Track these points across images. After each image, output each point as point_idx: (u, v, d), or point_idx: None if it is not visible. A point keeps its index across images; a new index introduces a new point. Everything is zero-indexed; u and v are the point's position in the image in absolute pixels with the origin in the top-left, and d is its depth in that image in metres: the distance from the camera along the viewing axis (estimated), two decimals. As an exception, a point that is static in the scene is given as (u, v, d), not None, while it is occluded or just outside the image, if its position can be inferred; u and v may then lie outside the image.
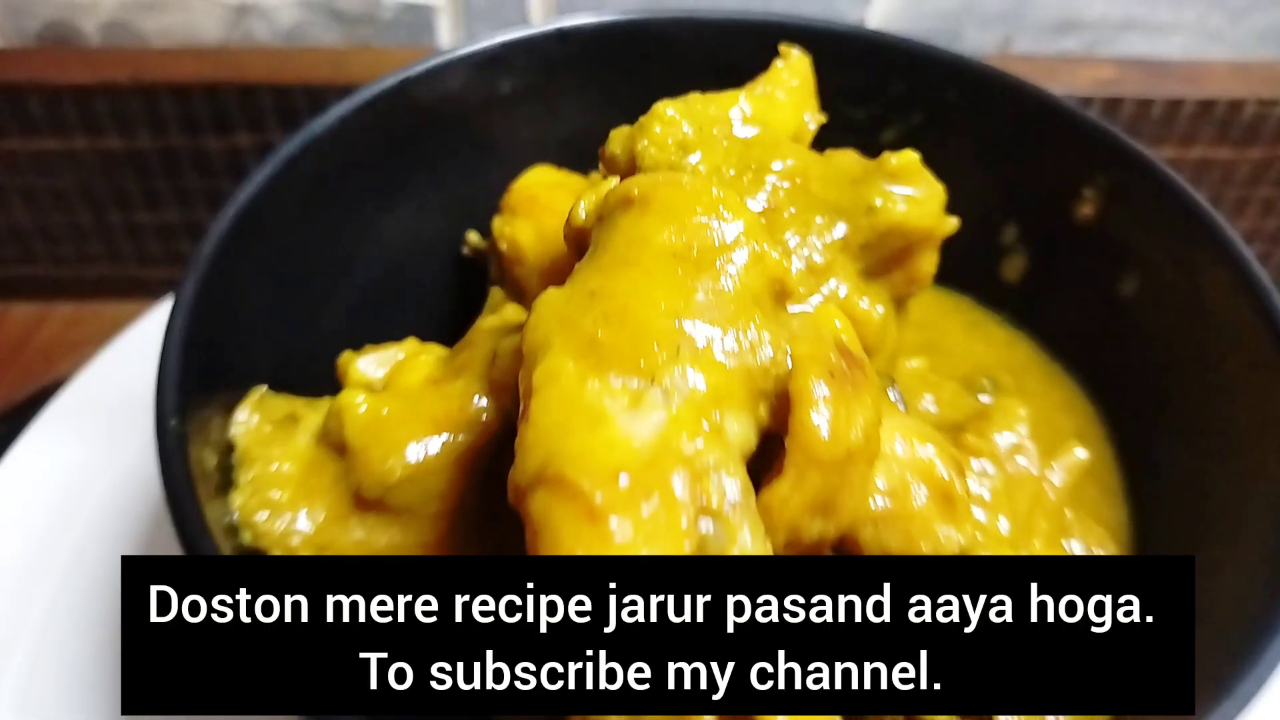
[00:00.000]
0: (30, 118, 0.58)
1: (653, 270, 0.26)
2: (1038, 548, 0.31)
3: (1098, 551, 0.32)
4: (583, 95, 0.42)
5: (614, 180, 0.29)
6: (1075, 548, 0.32)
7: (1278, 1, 0.62)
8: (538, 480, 0.22)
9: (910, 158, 0.32)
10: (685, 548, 0.21)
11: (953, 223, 0.33)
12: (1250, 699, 0.23)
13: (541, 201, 0.38)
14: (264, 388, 0.33)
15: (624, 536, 0.21)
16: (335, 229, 0.37)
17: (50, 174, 0.60)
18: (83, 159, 0.60)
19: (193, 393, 0.29)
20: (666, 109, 0.32)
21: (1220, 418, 0.33)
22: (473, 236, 0.42)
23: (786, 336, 0.26)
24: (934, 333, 0.41)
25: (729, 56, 0.40)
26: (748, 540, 0.22)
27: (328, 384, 0.34)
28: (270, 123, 0.58)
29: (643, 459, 0.22)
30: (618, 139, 0.32)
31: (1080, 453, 0.34)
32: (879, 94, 0.42)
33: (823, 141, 0.37)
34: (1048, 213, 0.40)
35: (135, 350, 0.51)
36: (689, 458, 0.23)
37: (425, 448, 0.30)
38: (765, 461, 0.26)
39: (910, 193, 0.31)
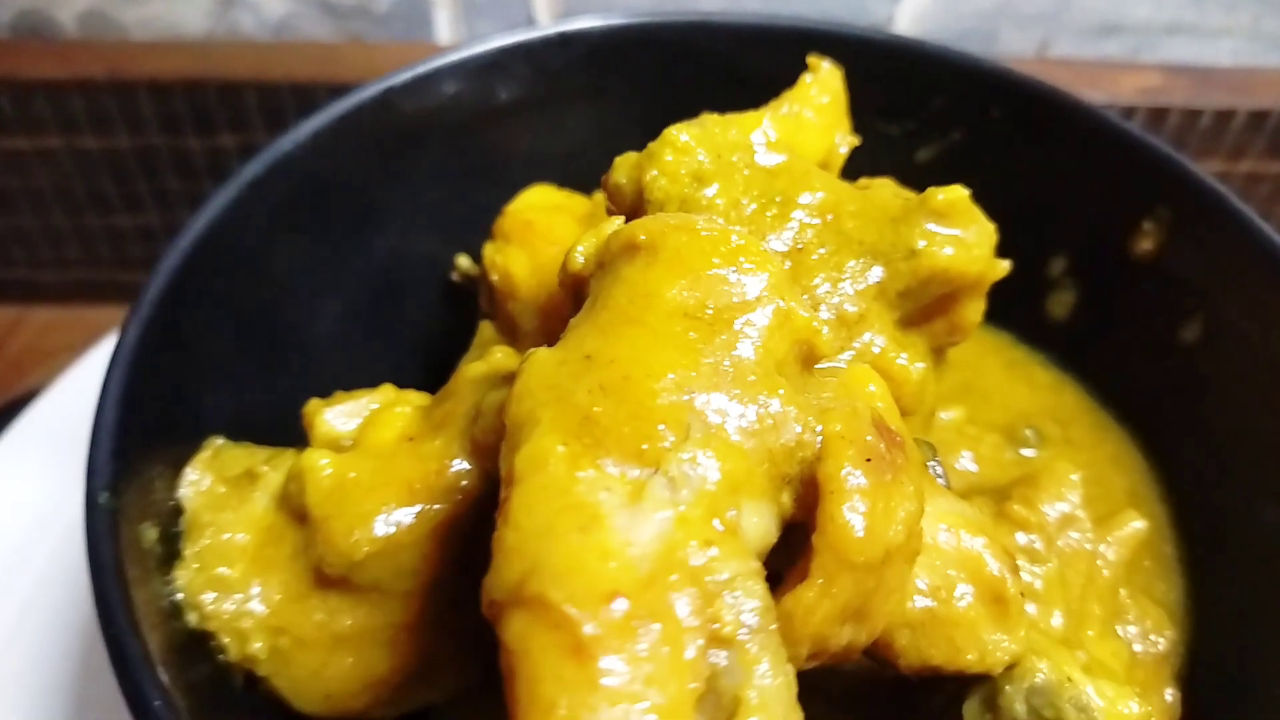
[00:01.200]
0: (1, 115, 0.54)
1: (660, 332, 0.22)
2: (1090, 639, 0.27)
3: (1154, 640, 0.29)
4: (588, 106, 0.38)
5: (618, 220, 0.25)
6: (1131, 634, 0.28)
7: (1337, 5, 0.58)
8: (515, 598, 0.18)
9: (959, 194, 0.27)
10: (690, 688, 0.18)
11: (1004, 266, 0.29)
12: None
13: (538, 228, 0.34)
14: (220, 439, 0.29)
15: (617, 680, 0.17)
16: (306, 258, 0.33)
17: (24, 174, 0.57)
18: (58, 159, 0.56)
19: (133, 456, 0.25)
20: (679, 134, 0.28)
21: (1273, 490, 0.29)
22: (463, 261, 0.38)
23: (815, 410, 0.22)
24: (970, 373, 0.37)
25: (750, 65, 0.36)
26: (766, 676, 0.18)
27: (295, 430, 0.30)
28: (255, 122, 0.54)
29: (642, 576, 0.18)
30: (623, 167, 0.28)
31: (1137, 524, 0.30)
32: (916, 109, 0.38)
33: (852, 159, 0.33)
34: (1101, 245, 0.36)
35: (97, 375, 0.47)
36: (697, 571, 0.19)
37: (397, 519, 0.26)
38: (786, 554, 0.22)
39: (958, 234, 0.27)
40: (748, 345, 0.22)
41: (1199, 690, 0.29)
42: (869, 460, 0.22)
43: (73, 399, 0.46)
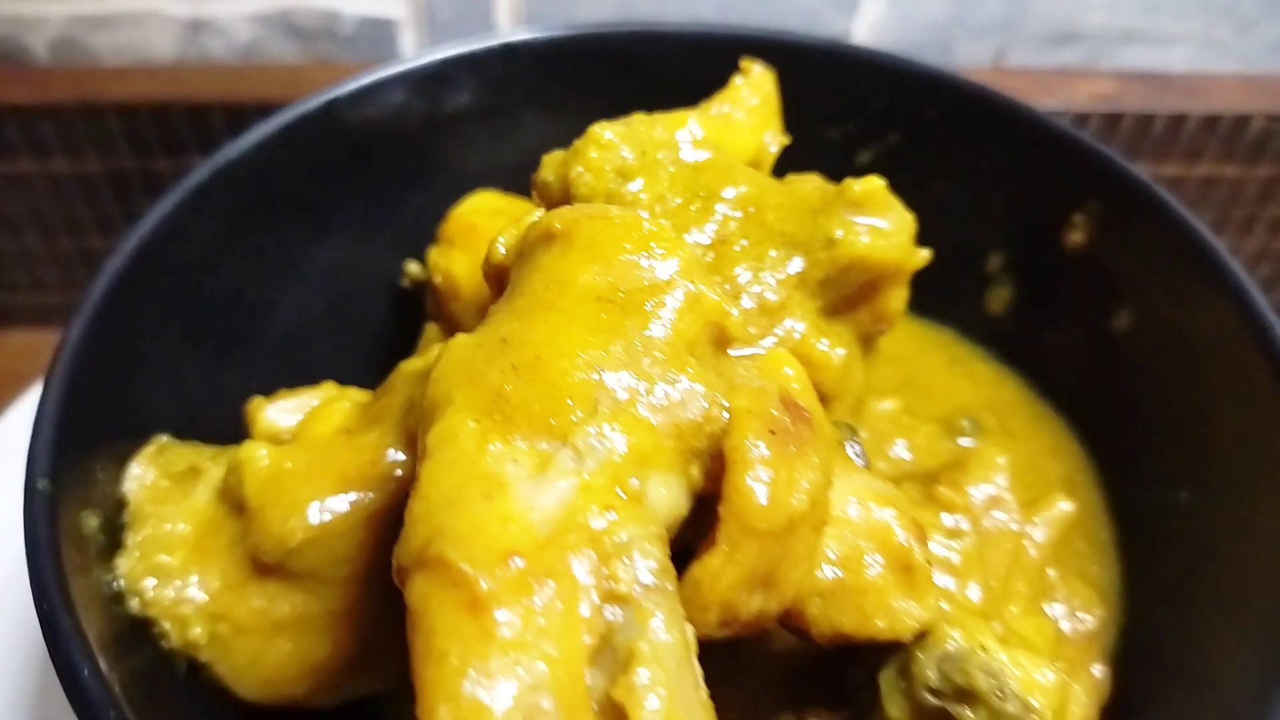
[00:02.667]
0: (-26, 140, 0.56)
1: (573, 315, 0.23)
2: (1014, 615, 0.28)
3: (1082, 618, 0.29)
4: (534, 115, 0.39)
5: (537, 214, 0.26)
6: (1058, 612, 0.29)
7: (1288, 11, 0.59)
8: (418, 561, 0.19)
9: (875, 184, 0.29)
10: (585, 642, 0.19)
11: (923, 255, 0.30)
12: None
13: (480, 230, 0.35)
14: (165, 437, 0.30)
15: (510, 631, 0.18)
16: (254, 263, 0.34)
17: (-3, 198, 0.58)
18: (31, 183, 0.58)
19: (74, 447, 0.26)
20: (604, 132, 0.29)
21: (1219, 464, 0.30)
22: (412, 267, 0.39)
23: (724, 388, 0.23)
24: (913, 369, 0.38)
25: (696, 72, 0.37)
26: (660, 630, 0.19)
27: (243, 432, 0.31)
28: (222, 143, 0.56)
29: (540, 537, 0.19)
30: (550, 165, 0.29)
31: (1065, 505, 0.31)
32: (853, 112, 0.39)
33: (795, 164, 0.34)
34: (1036, 240, 0.37)
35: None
36: (596, 534, 0.20)
37: (331, 507, 0.27)
38: (700, 529, 0.23)
39: (875, 223, 0.29)
40: (658, 326, 0.23)
41: (1131, 668, 0.30)
42: (773, 433, 0.23)
43: (23, 426, 0.48)
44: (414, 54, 0.39)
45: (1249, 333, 0.30)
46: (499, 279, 0.26)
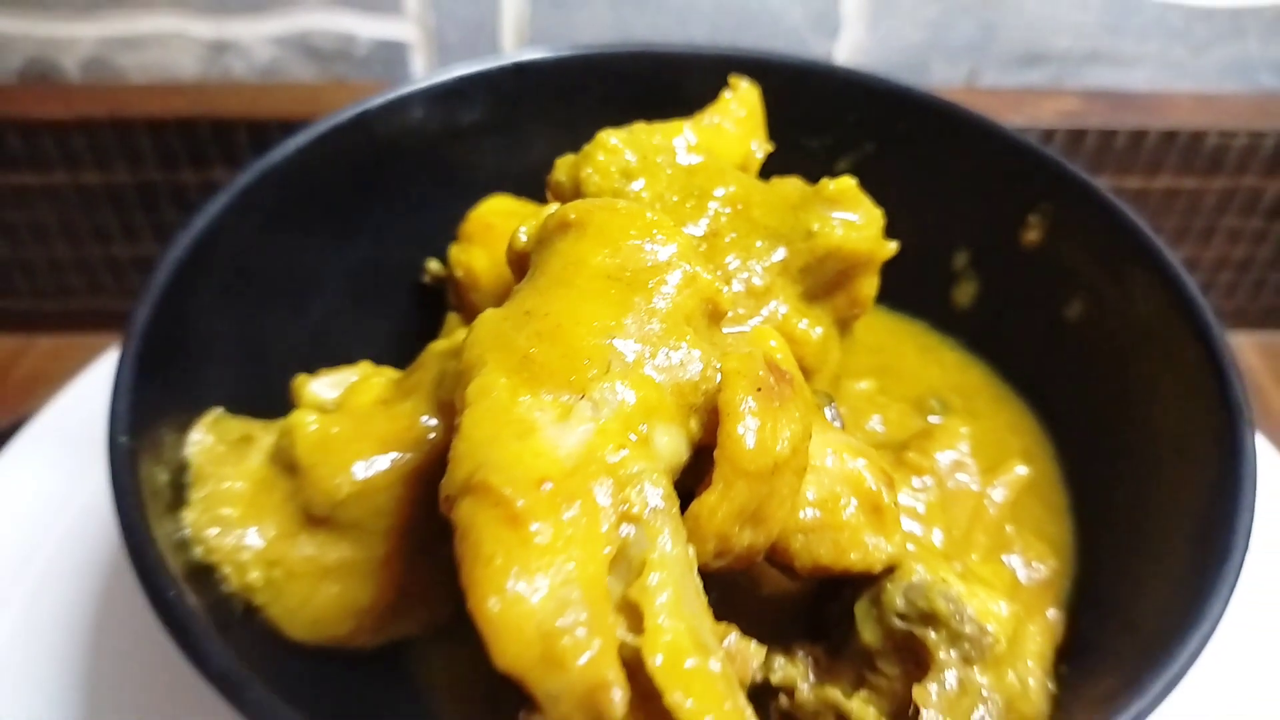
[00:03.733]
0: (10, 153, 0.60)
1: (587, 290, 0.27)
2: (975, 561, 0.32)
3: (1037, 566, 0.33)
4: (542, 127, 0.43)
5: (555, 206, 0.30)
6: (1015, 562, 0.33)
7: (1239, 36, 0.64)
8: (464, 488, 0.23)
9: (847, 184, 0.33)
10: (605, 552, 0.23)
11: (891, 247, 0.34)
12: (1162, 700, 0.24)
13: (497, 229, 0.39)
14: (220, 410, 0.34)
15: (544, 539, 0.22)
16: (293, 257, 0.38)
17: (30, 208, 0.62)
18: (62, 193, 0.62)
19: (145, 412, 0.30)
20: (610, 138, 0.33)
21: (1154, 435, 0.34)
22: (433, 264, 0.44)
23: (717, 354, 0.28)
24: (888, 356, 0.42)
25: (689, 88, 0.42)
26: (667, 544, 0.23)
27: (285, 407, 0.35)
28: (245, 157, 0.60)
29: (566, 467, 0.23)
30: (563, 167, 0.33)
31: (1021, 469, 0.35)
32: (832, 124, 0.44)
33: (779, 170, 0.38)
34: (997, 239, 0.42)
35: (102, 382, 0.52)
36: (612, 466, 0.24)
37: (373, 465, 0.31)
38: (697, 475, 0.27)
39: (848, 217, 0.33)
40: (660, 300, 0.28)
41: (1082, 613, 0.34)
42: (760, 390, 0.27)
43: (67, 416, 0.51)
44: (430, 73, 0.43)
45: (1180, 314, 0.34)
46: (521, 264, 0.30)
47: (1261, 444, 0.49)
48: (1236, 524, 0.28)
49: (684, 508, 0.26)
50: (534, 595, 0.21)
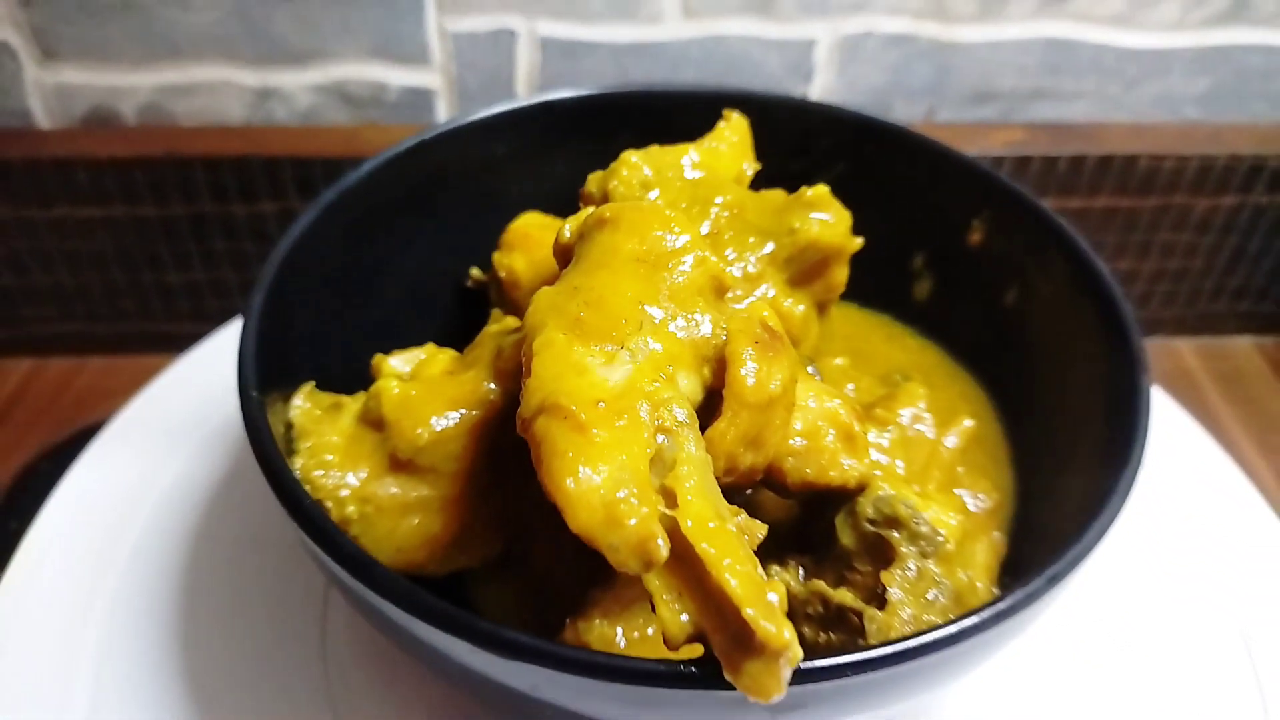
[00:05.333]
0: (77, 188, 0.68)
1: (621, 271, 0.36)
2: (931, 490, 0.40)
3: (982, 498, 0.42)
4: (565, 155, 0.52)
5: (591, 209, 0.39)
6: (965, 495, 0.42)
7: (1165, 73, 0.74)
8: (540, 410, 0.31)
9: (822, 190, 0.42)
10: (647, 452, 0.31)
11: (858, 241, 0.43)
12: (1057, 586, 0.32)
13: (533, 238, 0.48)
14: (312, 383, 0.42)
15: (602, 440, 0.30)
16: (364, 262, 0.47)
17: (91, 238, 0.70)
18: (121, 225, 0.70)
19: (263, 379, 0.38)
20: (631, 156, 0.42)
21: (1073, 392, 0.43)
22: (475, 271, 0.52)
23: (724, 318, 0.36)
24: (858, 342, 0.51)
25: (687, 121, 0.50)
26: (691, 448, 0.31)
27: (360, 385, 0.43)
28: (290, 191, 0.68)
29: (615, 393, 0.32)
30: (594, 180, 0.42)
31: (969, 422, 0.43)
32: (808, 149, 0.53)
33: (767, 186, 0.47)
34: (947, 242, 0.51)
35: (174, 387, 0.60)
36: (649, 393, 0.32)
37: (446, 419, 0.39)
38: (712, 414, 0.36)
39: (823, 217, 0.42)
40: (678, 277, 0.36)
41: (1019, 537, 0.42)
42: (757, 343, 0.35)
43: (147, 410, 0.59)
44: (470, 110, 0.52)
45: (1089, 287, 0.42)
46: (565, 254, 0.39)
47: (1189, 423, 0.58)
48: (1130, 455, 0.36)
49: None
50: (598, 477, 0.29)
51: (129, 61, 0.69)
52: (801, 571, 0.38)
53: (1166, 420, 0.58)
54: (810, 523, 0.39)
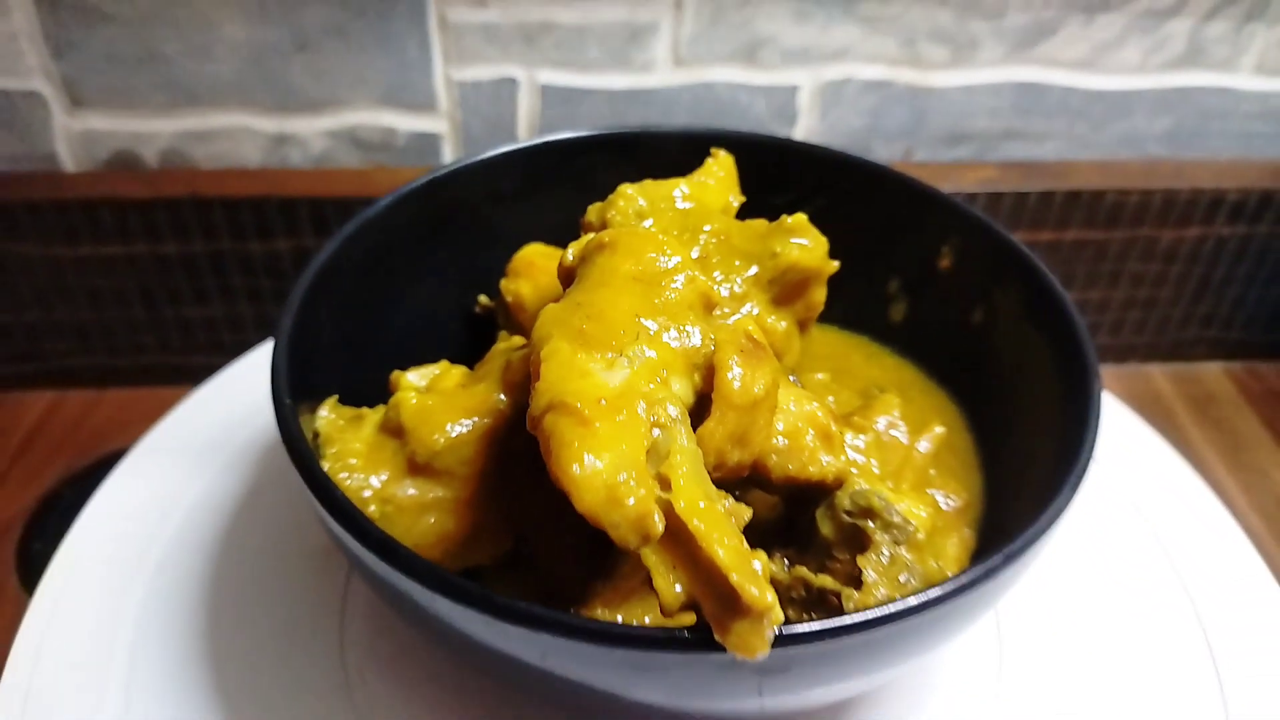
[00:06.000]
0: (101, 228, 0.73)
1: (620, 288, 0.40)
2: (905, 489, 0.44)
3: (953, 498, 0.46)
4: (565, 191, 0.56)
5: (592, 235, 0.43)
6: (936, 495, 0.46)
7: (1129, 114, 0.80)
8: (548, 408, 0.36)
9: (800, 218, 0.46)
10: (643, 444, 0.35)
11: (834, 264, 0.47)
12: (1013, 564, 0.36)
13: (537, 265, 0.52)
14: (335, 397, 0.46)
15: (604, 432, 0.34)
16: (381, 288, 0.51)
17: (114, 275, 0.75)
18: (143, 262, 0.74)
19: (293, 390, 0.43)
20: (627, 189, 0.47)
21: (1034, 404, 0.47)
22: (483, 299, 0.56)
23: (712, 330, 0.40)
24: (839, 361, 0.55)
25: (678, 158, 0.54)
26: (684, 440, 0.36)
27: (379, 401, 0.47)
28: (305, 230, 0.73)
29: (615, 393, 0.36)
30: (593, 211, 0.47)
31: (940, 429, 0.48)
32: (791, 185, 0.57)
33: (752, 218, 0.51)
34: (920, 268, 0.55)
35: (196, 412, 0.64)
36: (646, 393, 0.36)
37: (460, 425, 0.43)
38: (703, 415, 0.40)
39: (802, 242, 0.46)
40: (671, 294, 0.40)
41: (986, 533, 0.46)
42: (742, 352, 0.39)
43: (173, 432, 0.63)
44: (477, 150, 0.56)
45: (1044, 304, 0.47)
46: (568, 276, 0.43)
47: (1159, 443, 0.62)
48: (1081, 450, 0.40)
49: (691, 438, 0.38)
50: (600, 463, 0.33)
51: (152, 109, 0.73)
52: (786, 562, 0.42)
53: (1139, 441, 0.62)
54: (794, 519, 0.43)
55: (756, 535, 0.42)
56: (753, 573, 0.32)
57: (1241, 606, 0.52)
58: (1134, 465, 0.60)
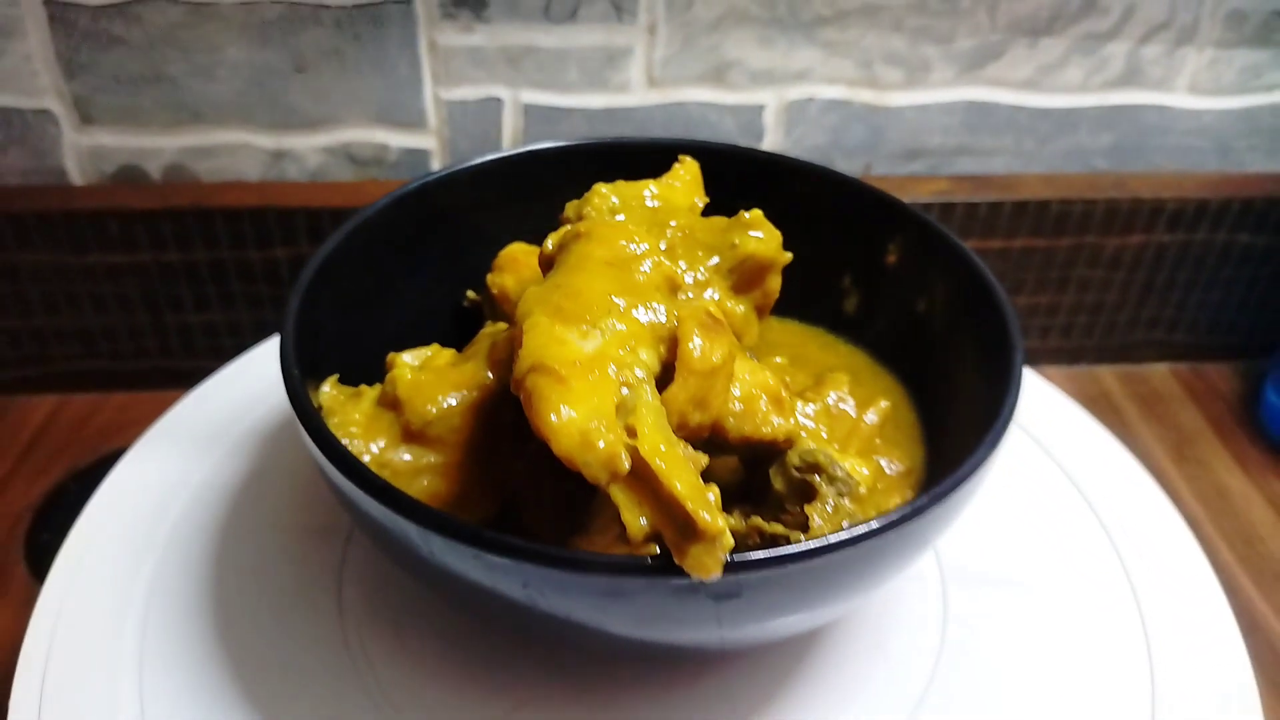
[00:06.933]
0: (109, 237, 0.78)
1: (594, 272, 0.46)
2: (851, 454, 0.50)
3: (896, 464, 0.51)
4: (548, 196, 0.61)
5: (569, 226, 0.49)
6: (882, 461, 0.51)
7: (1073, 130, 0.86)
8: (529, 370, 0.41)
9: (757, 213, 0.52)
10: (613, 400, 0.40)
11: (788, 255, 0.53)
12: (941, 503, 0.42)
13: (520, 261, 0.58)
14: (335, 376, 0.52)
15: (579, 389, 0.40)
16: (377, 283, 0.57)
17: (119, 282, 0.80)
18: (147, 270, 0.79)
19: (299, 363, 0.48)
20: (601, 188, 0.52)
21: (972, 386, 0.53)
22: (470, 293, 0.62)
23: (676, 307, 0.46)
24: (797, 349, 0.61)
25: (651, 166, 0.60)
26: (649, 397, 0.41)
27: (373, 381, 0.53)
28: (302, 239, 0.78)
29: (589, 357, 0.41)
30: (571, 207, 0.53)
31: (885, 403, 0.53)
32: (752, 191, 0.63)
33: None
34: (870, 263, 0.61)
35: (200, 403, 0.69)
36: (616, 358, 0.41)
37: (450, 399, 0.49)
38: (667, 384, 0.45)
39: (758, 235, 0.52)
40: (640, 277, 0.46)
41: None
42: (702, 325, 0.45)
43: (180, 420, 0.68)
44: (467, 157, 0.62)
45: (976, 288, 0.53)
46: (548, 263, 0.49)
47: (1101, 431, 0.68)
48: (1004, 406, 0.46)
49: (657, 403, 0.44)
50: (575, 413, 0.38)
51: (158, 126, 0.79)
52: (743, 516, 0.47)
53: (1086, 434, 0.68)
54: (751, 481, 0.49)
55: (720, 495, 0.47)
56: (707, 502, 0.37)
57: (1174, 578, 0.57)
58: (1080, 456, 0.66)
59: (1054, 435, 0.67)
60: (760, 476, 0.48)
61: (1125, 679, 0.52)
